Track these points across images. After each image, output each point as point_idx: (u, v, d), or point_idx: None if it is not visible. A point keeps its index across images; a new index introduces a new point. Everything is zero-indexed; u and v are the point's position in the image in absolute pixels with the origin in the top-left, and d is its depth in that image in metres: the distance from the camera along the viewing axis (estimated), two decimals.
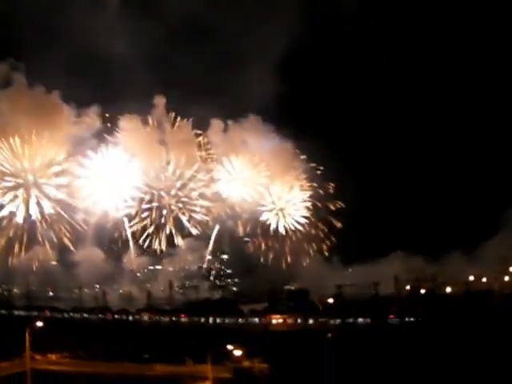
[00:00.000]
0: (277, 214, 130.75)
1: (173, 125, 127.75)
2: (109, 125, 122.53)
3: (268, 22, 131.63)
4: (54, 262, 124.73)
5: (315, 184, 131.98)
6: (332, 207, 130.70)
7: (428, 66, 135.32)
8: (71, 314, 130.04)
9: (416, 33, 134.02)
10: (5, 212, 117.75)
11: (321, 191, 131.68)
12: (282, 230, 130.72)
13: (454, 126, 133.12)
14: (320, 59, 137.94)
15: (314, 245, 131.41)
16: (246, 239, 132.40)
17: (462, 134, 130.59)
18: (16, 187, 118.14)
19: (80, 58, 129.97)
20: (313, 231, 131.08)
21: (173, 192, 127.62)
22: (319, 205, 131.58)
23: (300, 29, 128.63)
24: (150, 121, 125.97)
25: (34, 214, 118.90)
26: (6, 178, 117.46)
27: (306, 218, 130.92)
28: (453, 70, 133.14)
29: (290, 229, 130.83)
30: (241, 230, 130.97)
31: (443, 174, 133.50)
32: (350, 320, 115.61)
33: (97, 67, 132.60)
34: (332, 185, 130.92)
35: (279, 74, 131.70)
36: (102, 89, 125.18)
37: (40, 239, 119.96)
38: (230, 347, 76.39)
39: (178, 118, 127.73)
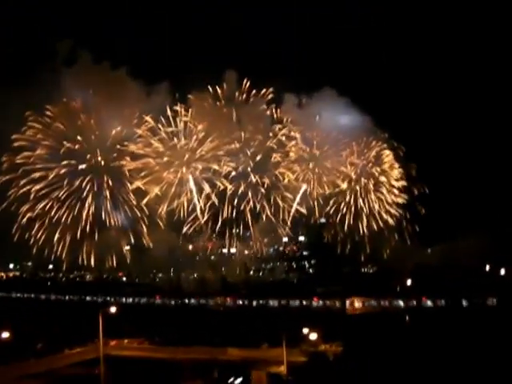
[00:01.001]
0: (355, 195, 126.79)
1: (246, 100, 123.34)
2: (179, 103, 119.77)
3: None
4: (127, 247, 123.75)
5: (397, 164, 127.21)
6: (416, 190, 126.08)
7: None
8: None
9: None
10: (75, 198, 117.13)
11: (403, 172, 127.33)
12: (361, 212, 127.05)
13: None
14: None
15: (394, 231, 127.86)
16: (323, 221, 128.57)
17: None
18: (86, 172, 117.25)
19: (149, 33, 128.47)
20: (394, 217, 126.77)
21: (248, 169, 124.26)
22: (401, 187, 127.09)
23: None
24: (221, 96, 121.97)
25: (105, 199, 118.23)
26: (74, 162, 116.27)
27: (386, 201, 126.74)
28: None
29: (370, 212, 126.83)
30: (317, 212, 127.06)
31: None
32: (429, 302, 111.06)
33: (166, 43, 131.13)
34: (415, 166, 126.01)
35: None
36: (172, 64, 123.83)
37: (112, 225, 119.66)
38: (305, 330, 73.73)
39: (252, 93, 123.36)
